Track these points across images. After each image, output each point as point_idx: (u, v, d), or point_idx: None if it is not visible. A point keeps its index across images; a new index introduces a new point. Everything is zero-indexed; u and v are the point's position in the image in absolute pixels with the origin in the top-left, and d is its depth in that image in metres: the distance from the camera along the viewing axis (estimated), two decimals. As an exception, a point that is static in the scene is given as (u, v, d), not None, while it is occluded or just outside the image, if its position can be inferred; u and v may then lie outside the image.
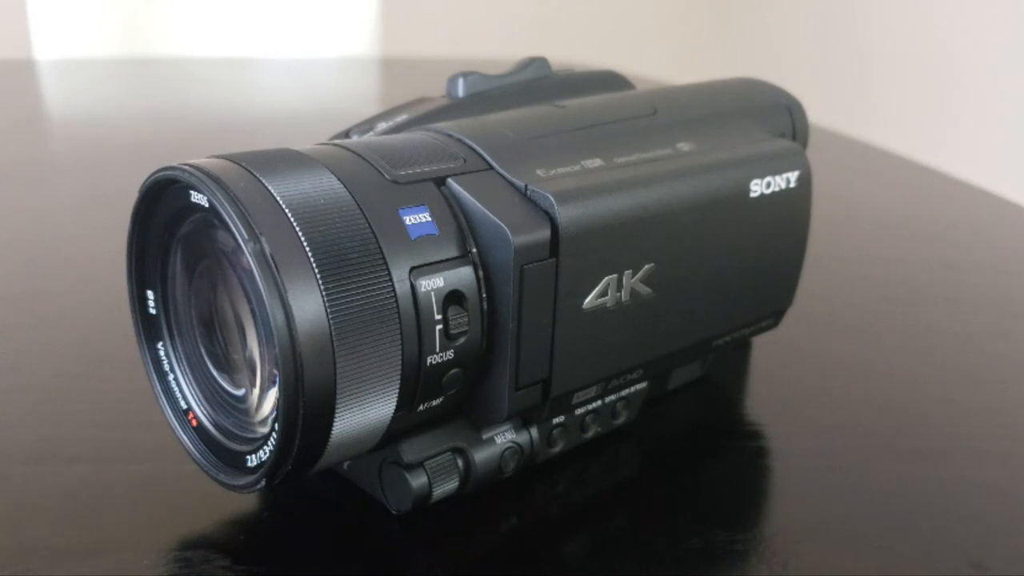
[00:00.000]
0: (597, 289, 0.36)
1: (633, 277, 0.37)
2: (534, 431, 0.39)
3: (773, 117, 0.47)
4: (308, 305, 0.30)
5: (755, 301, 0.45)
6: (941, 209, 0.89)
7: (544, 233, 0.34)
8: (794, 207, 0.44)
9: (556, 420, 0.40)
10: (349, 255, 0.31)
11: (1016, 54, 1.93)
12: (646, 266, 0.38)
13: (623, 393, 0.42)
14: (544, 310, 0.35)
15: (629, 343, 0.39)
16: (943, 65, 2.08)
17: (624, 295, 0.37)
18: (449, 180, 0.35)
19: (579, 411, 0.40)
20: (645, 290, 0.38)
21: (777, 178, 0.42)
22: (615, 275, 0.37)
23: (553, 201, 0.34)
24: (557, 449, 0.40)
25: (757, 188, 0.42)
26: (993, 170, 1.49)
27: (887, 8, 2.19)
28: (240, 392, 0.36)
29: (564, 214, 0.34)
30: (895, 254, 0.74)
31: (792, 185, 0.43)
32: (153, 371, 0.38)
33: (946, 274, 0.70)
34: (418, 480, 0.36)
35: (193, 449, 0.37)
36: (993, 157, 1.88)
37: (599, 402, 0.41)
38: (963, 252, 0.76)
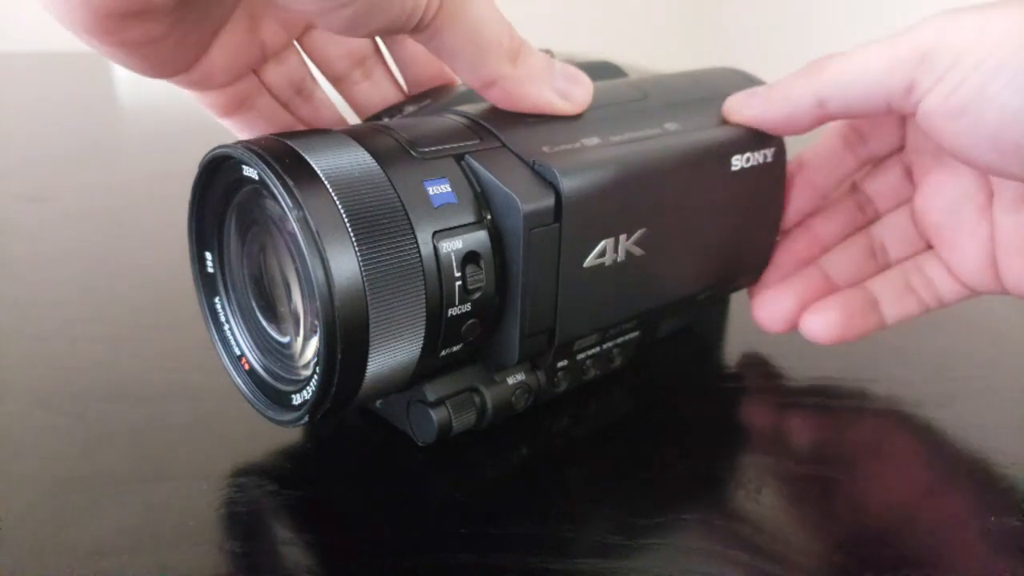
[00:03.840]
0: (596, 250, 0.36)
1: (628, 240, 0.37)
2: (541, 373, 0.39)
3: None
4: (345, 265, 0.30)
5: (736, 261, 0.45)
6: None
7: (549, 201, 0.34)
8: (770, 178, 0.44)
9: (560, 364, 0.40)
10: (380, 221, 0.31)
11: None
12: (639, 231, 0.37)
13: (618, 340, 0.42)
14: (549, 268, 0.35)
15: (624, 298, 0.39)
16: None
17: (620, 256, 0.37)
18: (467, 156, 0.35)
19: (580, 356, 0.40)
20: (638, 251, 0.38)
21: (756, 154, 0.42)
22: (612, 238, 0.36)
23: (557, 174, 0.34)
24: (561, 389, 0.40)
25: (738, 163, 0.41)
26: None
27: (848, 11, 2.17)
28: (286, 340, 0.36)
29: (567, 185, 0.34)
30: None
31: (769, 160, 0.43)
32: (211, 322, 0.38)
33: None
34: (440, 415, 0.36)
35: (246, 389, 0.37)
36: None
37: (597, 348, 0.41)
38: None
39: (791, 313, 0.45)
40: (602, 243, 0.36)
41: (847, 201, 0.47)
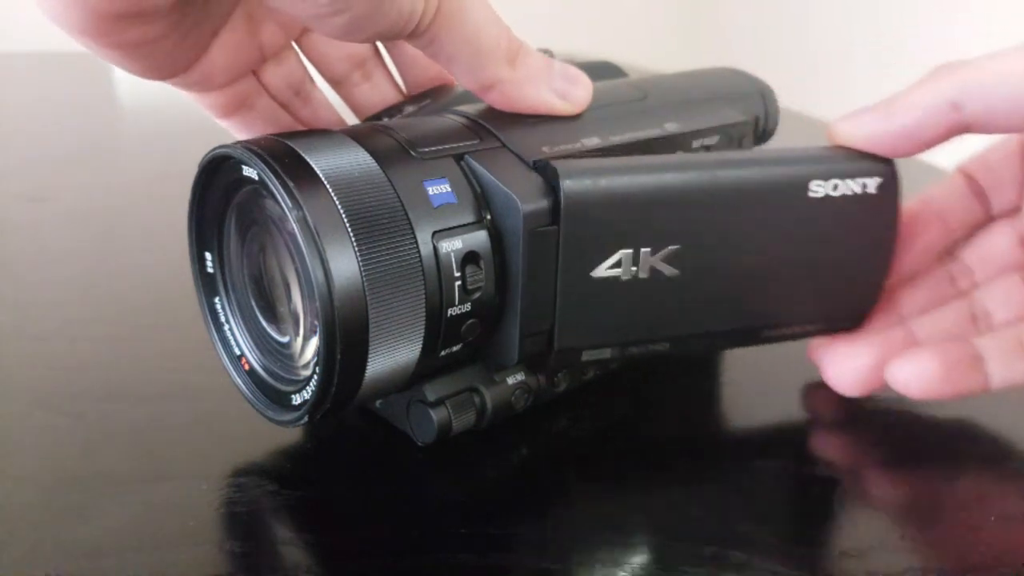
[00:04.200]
0: (609, 261, 0.35)
1: (653, 255, 0.35)
2: (541, 374, 0.39)
3: (748, 101, 0.47)
4: (344, 265, 0.30)
5: (821, 301, 0.40)
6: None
7: (549, 202, 0.34)
8: (873, 212, 0.38)
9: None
10: (380, 221, 0.31)
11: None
12: (669, 247, 0.35)
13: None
14: (550, 271, 0.35)
15: (653, 317, 0.37)
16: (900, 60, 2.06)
17: (642, 272, 0.35)
18: (467, 156, 0.34)
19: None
20: (669, 270, 0.36)
21: (850, 182, 0.37)
22: (630, 250, 0.35)
23: (560, 175, 0.34)
24: (560, 389, 0.40)
25: (820, 189, 0.37)
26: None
27: (844, 11, 2.17)
28: (286, 340, 0.36)
29: (568, 187, 0.33)
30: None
31: (870, 191, 0.38)
32: (211, 322, 0.38)
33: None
34: (440, 415, 0.36)
35: (246, 390, 0.37)
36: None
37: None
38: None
39: (869, 371, 0.40)
40: (617, 254, 0.35)
41: (936, 271, 0.43)
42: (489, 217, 0.34)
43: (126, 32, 0.30)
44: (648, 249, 0.35)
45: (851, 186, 0.37)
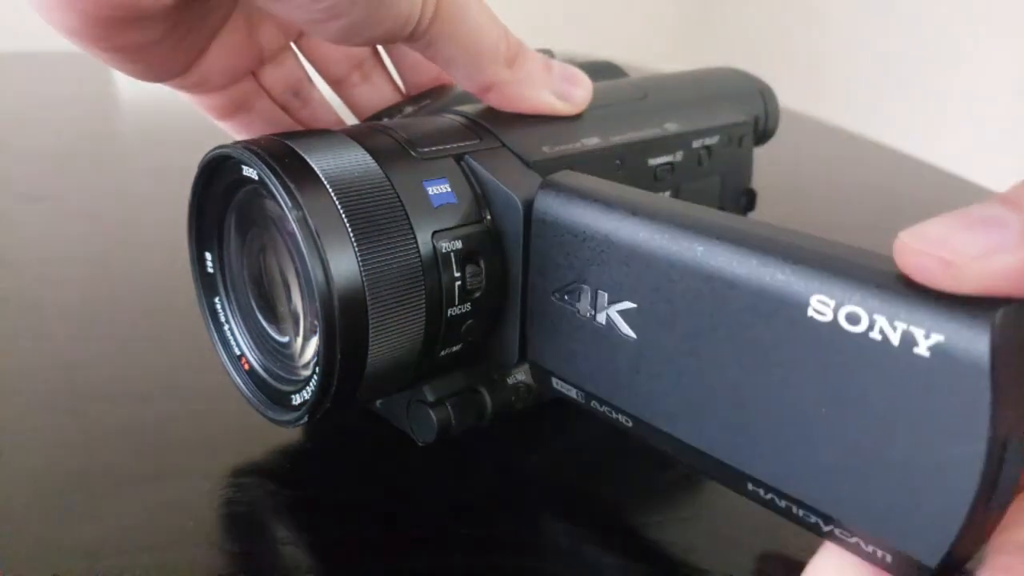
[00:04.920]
0: (567, 287, 0.32)
1: (609, 304, 0.30)
2: None
3: (748, 101, 0.47)
4: (344, 265, 0.30)
5: (849, 495, 0.24)
6: (901, 184, 0.88)
7: None
8: (941, 384, 0.21)
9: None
10: (380, 221, 0.31)
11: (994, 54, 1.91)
12: (626, 301, 0.29)
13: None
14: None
15: (612, 377, 0.31)
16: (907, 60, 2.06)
17: (599, 316, 0.30)
18: (467, 156, 0.34)
19: None
20: (625, 328, 0.29)
21: (881, 321, 0.22)
22: (587, 286, 0.31)
23: (547, 179, 0.33)
24: (560, 389, 0.40)
25: (826, 310, 0.23)
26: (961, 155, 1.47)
27: (841, 12, 2.17)
28: (286, 340, 0.36)
29: (541, 196, 0.32)
30: (857, 221, 0.73)
31: (922, 352, 0.22)
32: (211, 322, 0.38)
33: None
34: (440, 415, 0.36)
35: (246, 389, 0.37)
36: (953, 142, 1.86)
37: None
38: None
39: None
40: (575, 284, 0.31)
41: None
42: (489, 217, 0.34)
43: (121, 36, 0.30)
44: (606, 294, 0.30)
45: (885, 330, 0.22)
